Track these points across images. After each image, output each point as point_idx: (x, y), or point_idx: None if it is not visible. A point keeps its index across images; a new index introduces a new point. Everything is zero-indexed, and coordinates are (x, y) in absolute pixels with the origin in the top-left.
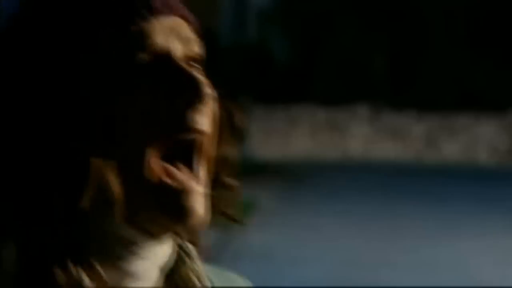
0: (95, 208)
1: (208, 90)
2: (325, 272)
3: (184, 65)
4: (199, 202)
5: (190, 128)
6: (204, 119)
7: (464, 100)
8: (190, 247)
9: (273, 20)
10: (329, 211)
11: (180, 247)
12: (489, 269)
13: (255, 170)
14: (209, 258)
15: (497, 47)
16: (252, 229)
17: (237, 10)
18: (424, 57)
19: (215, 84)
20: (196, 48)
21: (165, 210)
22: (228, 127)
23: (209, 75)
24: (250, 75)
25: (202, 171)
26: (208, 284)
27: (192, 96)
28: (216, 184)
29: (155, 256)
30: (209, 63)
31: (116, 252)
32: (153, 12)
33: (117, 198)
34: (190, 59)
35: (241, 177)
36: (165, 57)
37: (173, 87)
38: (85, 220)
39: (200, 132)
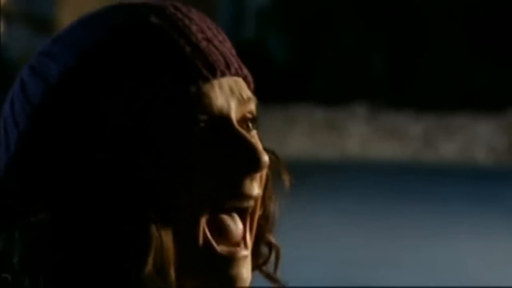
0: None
1: (265, 158)
2: (324, 272)
3: (243, 132)
4: (246, 267)
5: (245, 196)
6: (257, 184)
7: (462, 100)
8: None
9: (272, 19)
10: (327, 210)
11: None
12: (487, 268)
13: None
14: None
15: (495, 47)
16: None
17: (236, 9)
18: (423, 57)
19: None
20: (253, 108)
21: (214, 277)
22: (272, 185)
23: None
24: None
25: (250, 233)
26: None
27: (250, 167)
28: (257, 241)
29: None
30: None
31: None
32: (215, 73)
33: (171, 264)
34: (247, 120)
35: None
36: (224, 121)
37: (232, 156)
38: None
39: (254, 198)
